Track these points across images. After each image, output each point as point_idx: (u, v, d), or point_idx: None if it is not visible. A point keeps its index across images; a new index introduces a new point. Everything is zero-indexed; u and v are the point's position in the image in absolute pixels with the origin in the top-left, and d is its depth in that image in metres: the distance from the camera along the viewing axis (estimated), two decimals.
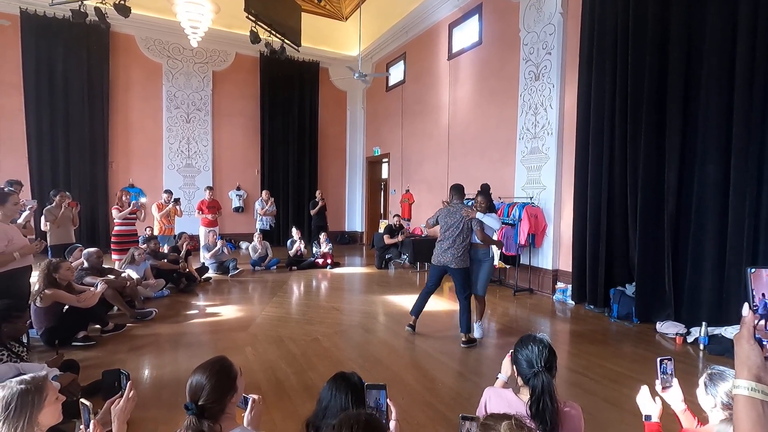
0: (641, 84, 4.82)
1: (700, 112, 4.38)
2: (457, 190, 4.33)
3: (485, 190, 4.47)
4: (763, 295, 0.70)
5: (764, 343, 0.68)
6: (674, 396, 1.64)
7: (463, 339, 4.07)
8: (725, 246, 4.18)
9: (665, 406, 1.65)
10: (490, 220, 4.10)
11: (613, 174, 5.24)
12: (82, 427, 1.52)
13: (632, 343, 4.28)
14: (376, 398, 1.34)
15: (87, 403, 1.52)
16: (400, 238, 8.24)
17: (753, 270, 0.71)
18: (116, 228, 6.55)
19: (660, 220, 4.74)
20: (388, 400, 1.37)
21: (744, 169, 4.01)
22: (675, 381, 1.63)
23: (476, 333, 4.30)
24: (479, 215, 4.06)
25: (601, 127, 5.32)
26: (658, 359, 1.61)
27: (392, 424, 1.51)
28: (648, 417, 1.59)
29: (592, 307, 5.40)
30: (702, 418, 1.67)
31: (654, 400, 1.64)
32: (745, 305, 0.72)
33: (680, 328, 4.37)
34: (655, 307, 4.77)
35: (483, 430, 1.14)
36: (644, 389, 1.62)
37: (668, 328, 4.44)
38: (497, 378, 1.87)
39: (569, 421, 1.50)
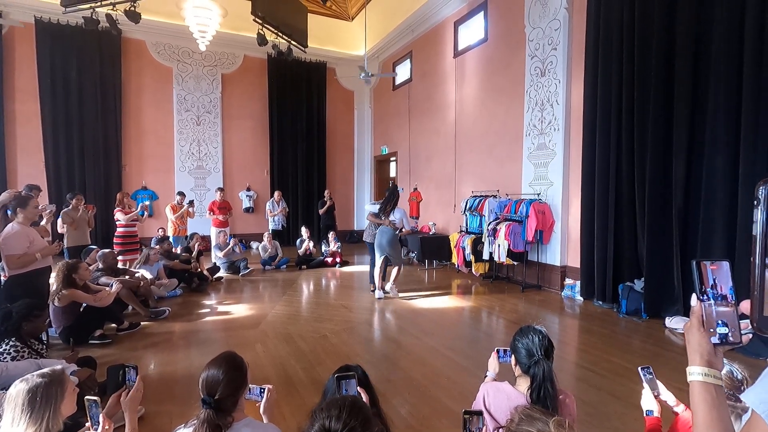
0: (648, 77, 4.79)
1: (708, 103, 4.33)
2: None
3: (395, 188, 6.32)
4: (713, 285, 0.73)
5: (725, 330, 0.72)
6: (667, 398, 1.68)
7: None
8: (735, 239, 4.13)
9: (664, 408, 1.69)
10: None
11: (620, 168, 5.21)
12: (88, 424, 1.56)
13: (641, 338, 4.27)
14: (347, 388, 1.40)
15: (94, 398, 1.57)
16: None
17: (708, 262, 0.74)
18: (119, 230, 6.62)
19: (668, 214, 4.70)
20: (358, 388, 1.44)
21: (753, 160, 3.95)
22: (660, 385, 1.67)
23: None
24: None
25: (608, 121, 5.29)
26: (640, 368, 1.68)
27: None
28: (650, 412, 1.65)
29: (600, 302, 5.38)
30: None
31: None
32: (693, 296, 0.75)
33: None
34: (664, 303, 4.74)
35: (528, 421, 1.12)
36: (646, 391, 1.67)
37: (677, 323, 4.41)
38: (486, 376, 1.91)
39: (564, 408, 1.55)
